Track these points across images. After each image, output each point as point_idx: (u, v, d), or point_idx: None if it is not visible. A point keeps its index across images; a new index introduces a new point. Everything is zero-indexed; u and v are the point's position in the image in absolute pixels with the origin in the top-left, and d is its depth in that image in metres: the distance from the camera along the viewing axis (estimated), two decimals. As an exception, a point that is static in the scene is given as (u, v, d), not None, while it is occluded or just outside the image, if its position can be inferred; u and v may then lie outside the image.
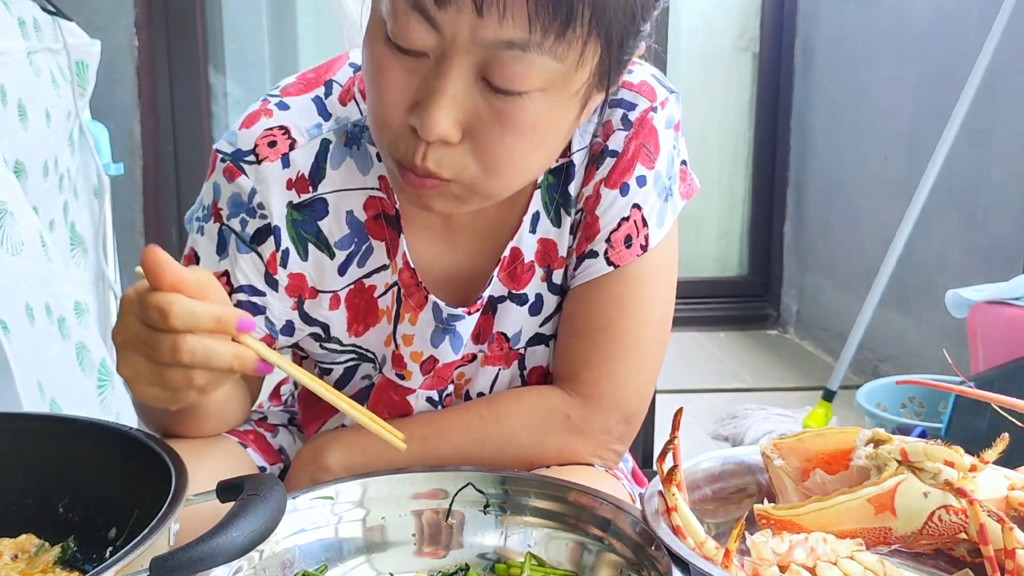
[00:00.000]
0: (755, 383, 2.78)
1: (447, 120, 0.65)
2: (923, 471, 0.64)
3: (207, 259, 0.81)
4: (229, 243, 0.80)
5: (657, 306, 0.83)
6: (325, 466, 0.80)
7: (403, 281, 0.82)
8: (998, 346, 1.46)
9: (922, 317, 2.52)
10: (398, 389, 0.85)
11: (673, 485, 0.66)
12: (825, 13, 3.08)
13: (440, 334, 0.83)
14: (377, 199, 0.81)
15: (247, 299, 0.81)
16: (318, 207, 0.80)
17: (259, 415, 0.96)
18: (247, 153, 0.79)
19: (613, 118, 0.81)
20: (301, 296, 0.82)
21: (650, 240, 0.82)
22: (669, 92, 0.84)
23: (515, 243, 0.83)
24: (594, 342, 0.82)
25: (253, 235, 0.80)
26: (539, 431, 0.82)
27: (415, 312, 0.83)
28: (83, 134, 1.61)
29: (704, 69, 3.36)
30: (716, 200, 3.39)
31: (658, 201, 0.83)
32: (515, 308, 0.84)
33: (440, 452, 0.81)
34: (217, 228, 0.80)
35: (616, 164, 0.80)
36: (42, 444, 0.68)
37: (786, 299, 3.33)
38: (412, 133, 0.67)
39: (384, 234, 0.82)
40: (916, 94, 2.57)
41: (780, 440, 0.73)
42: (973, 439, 1.28)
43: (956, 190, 2.33)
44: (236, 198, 0.79)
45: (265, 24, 3.22)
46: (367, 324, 0.84)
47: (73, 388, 1.34)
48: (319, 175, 0.79)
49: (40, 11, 1.49)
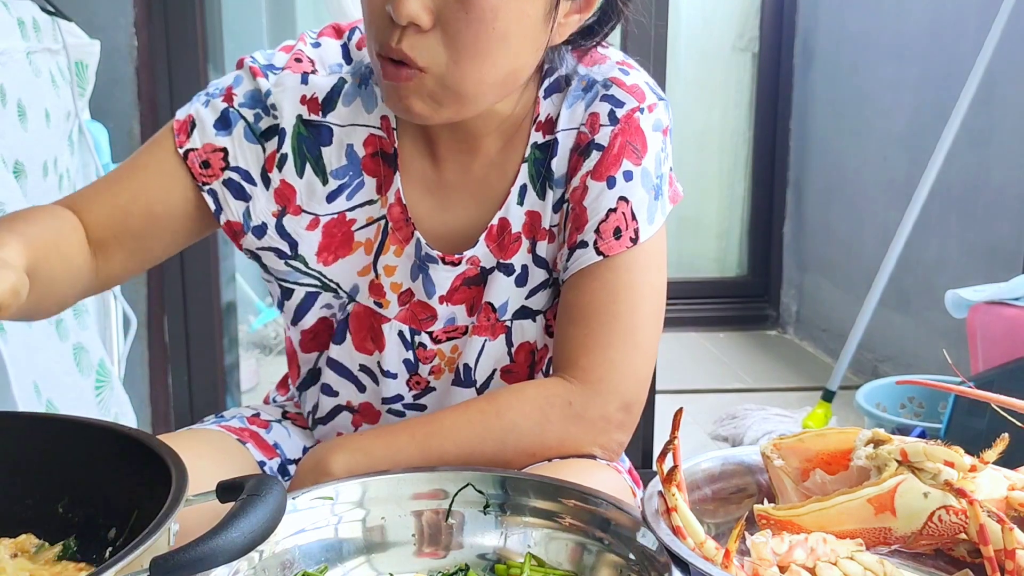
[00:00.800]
0: (755, 383, 2.79)
1: (415, 2, 0.72)
2: (923, 471, 0.64)
3: (203, 128, 0.86)
4: (235, 125, 0.86)
5: (649, 295, 0.85)
6: (329, 471, 0.80)
7: (392, 215, 0.87)
8: (998, 346, 1.46)
9: (922, 317, 2.52)
10: (375, 316, 0.90)
11: (673, 485, 0.66)
12: (824, 14, 3.08)
13: (417, 270, 0.88)
14: (377, 137, 0.87)
15: (238, 180, 0.86)
16: (323, 133, 0.86)
17: (252, 412, 0.97)
18: (275, 67, 0.87)
19: (601, 112, 0.85)
20: (285, 207, 0.87)
21: (640, 234, 0.84)
22: (659, 99, 0.87)
23: (503, 213, 0.87)
24: (590, 328, 0.84)
25: (263, 131, 0.86)
26: (540, 421, 0.82)
27: (400, 245, 0.88)
28: (82, 134, 1.61)
29: (704, 69, 3.36)
30: (716, 200, 3.39)
31: (647, 197, 0.85)
32: (502, 278, 0.88)
33: (443, 449, 0.81)
34: (224, 107, 0.86)
35: (602, 158, 0.84)
36: (42, 444, 0.68)
37: (786, 299, 3.33)
38: (390, 22, 0.74)
39: (378, 171, 0.87)
40: (915, 95, 2.58)
41: (780, 440, 0.73)
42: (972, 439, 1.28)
43: (955, 190, 2.33)
44: (254, 94, 0.86)
45: (264, 24, 3.23)
46: (337, 255, 0.88)
47: (70, 389, 1.34)
48: (330, 106, 0.86)
49: (39, 11, 1.49)
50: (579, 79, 0.86)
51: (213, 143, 0.85)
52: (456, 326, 0.90)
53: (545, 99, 0.87)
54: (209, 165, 0.85)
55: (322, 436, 0.97)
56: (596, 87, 0.85)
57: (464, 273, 0.88)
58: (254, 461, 0.89)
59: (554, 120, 0.86)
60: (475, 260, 0.88)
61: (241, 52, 0.91)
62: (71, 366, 1.36)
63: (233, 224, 0.87)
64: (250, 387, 2.61)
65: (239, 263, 2.33)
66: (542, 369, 0.93)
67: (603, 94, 0.85)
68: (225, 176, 0.85)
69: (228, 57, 2.15)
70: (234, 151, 0.85)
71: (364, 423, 0.94)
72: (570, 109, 0.86)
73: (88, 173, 1.64)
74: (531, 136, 0.87)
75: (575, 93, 0.86)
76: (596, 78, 0.86)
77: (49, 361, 1.28)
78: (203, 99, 0.87)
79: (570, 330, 0.85)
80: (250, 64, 0.87)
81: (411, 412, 0.93)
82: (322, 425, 0.96)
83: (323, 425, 0.96)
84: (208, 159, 0.85)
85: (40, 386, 1.22)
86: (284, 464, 0.92)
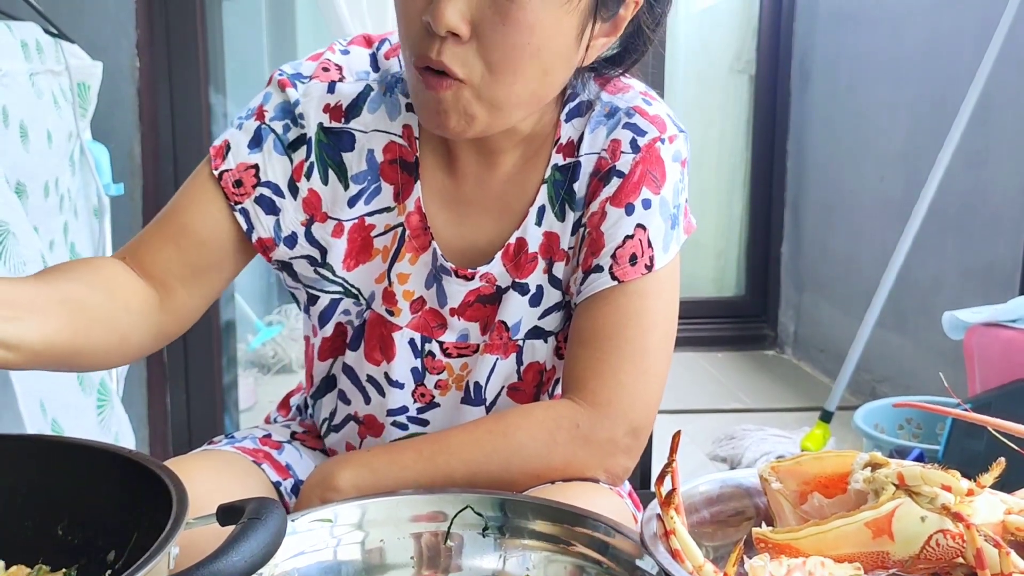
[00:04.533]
0: (753, 403, 2.79)
1: (453, 12, 0.73)
2: (920, 495, 0.64)
3: (237, 149, 0.87)
4: (265, 140, 0.87)
5: (660, 322, 0.86)
6: (335, 486, 0.81)
7: (410, 223, 0.88)
8: (995, 368, 1.46)
9: (919, 338, 2.52)
10: (387, 325, 0.90)
11: (671, 508, 0.66)
12: (820, 36, 3.11)
13: (432, 279, 0.89)
14: (398, 145, 0.88)
15: (269, 195, 0.87)
16: (345, 139, 0.87)
17: (263, 432, 0.97)
18: (303, 76, 0.88)
19: (623, 139, 0.86)
20: (313, 216, 0.88)
21: (655, 262, 0.85)
22: (679, 131, 0.89)
23: (521, 232, 0.88)
24: (601, 351, 0.84)
25: (291, 142, 0.87)
26: (547, 442, 0.83)
27: (416, 254, 0.89)
28: (84, 155, 1.62)
29: (701, 91, 3.39)
30: (714, 221, 3.40)
31: (663, 226, 0.86)
32: (517, 297, 0.88)
33: (449, 467, 0.82)
34: (256, 125, 0.88)
35: (622, 185, 0.85)
36: (41, 466, 0.68)
37: (783, 319, 3.34)
38: (428, 33, 0.75)
39: (396, 178, 0.88)
40: (911, 115, 2.59)
41: (778, 463, 0.73)
42: (970, 461, 1.28)
43: (952, 211, 2.34)
44: (284, 105, 0.88)
45: (265, 45, 3.25)
46: (359, 260, 0.89)
47: (73, 407, 1.34)
48: (354, 112, 0.87)
49: (43, 33, 1.50)
50: (602, 105, 0.88)
51: (246, 161, 0.87)
52: (468, 343, 0.90)
53: (567, 122, 0.88)
54: (241, 184, 0.86)
55: (333, 445, 0.97)
56: (619, 114, 0.87)
57: (478, 290, 0.89)
58: (269, 482, 0.90)
59: (576, 143, 0.87)
60: (490, 277, 0.89)
61: (242, 73, 0.93)
62: (74, 385, 1.36)
63: (264, 240, 0.88)
64: (248, 406, 2.61)
65: (239, 282, 2.34)
66: (548, 391, 0.93)
67: (625, 122, 0.86)
68: (256, 193, 0.87)
69: (229, 78, 2.16)
70: (264, 165, 0.87)
71: (368, 435, 0.94)
72: (592, 134, 0.87)
73: (89, 193, 1.65)
74: (552, 158, 0.88)
75: (597, 118, 0.87)
76: (619, 105, 0.87)
77: (54, 379, 1.28)
78: (237, 123, 0.89)
79: (581, 352, 0.85)
80: (279, 77, 0.88)
81: (414, 426, 0.93)
82: (334, 433, 0.97)
83: (335, 433, 0.96)
84: (241, 178, 0.86)
85: (46, 404, 1.22)
86: (297, 484, 0.92)
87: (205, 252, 0.86)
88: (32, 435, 0.93)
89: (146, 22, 1.87)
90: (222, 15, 2.13)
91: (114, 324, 0.80)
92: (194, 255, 0.86)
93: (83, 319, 0.76)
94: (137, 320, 0.83)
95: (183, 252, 0.86)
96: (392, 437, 0.93)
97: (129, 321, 0.82)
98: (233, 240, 0.88)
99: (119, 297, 0.82)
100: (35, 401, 1.19)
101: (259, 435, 0.97)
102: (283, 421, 1.05)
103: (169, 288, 0.86)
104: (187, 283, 0.86)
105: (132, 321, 0.82)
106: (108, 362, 0.82)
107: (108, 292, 0.81)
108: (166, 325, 0.86)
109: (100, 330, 0.78)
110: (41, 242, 1.36)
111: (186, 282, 0.86)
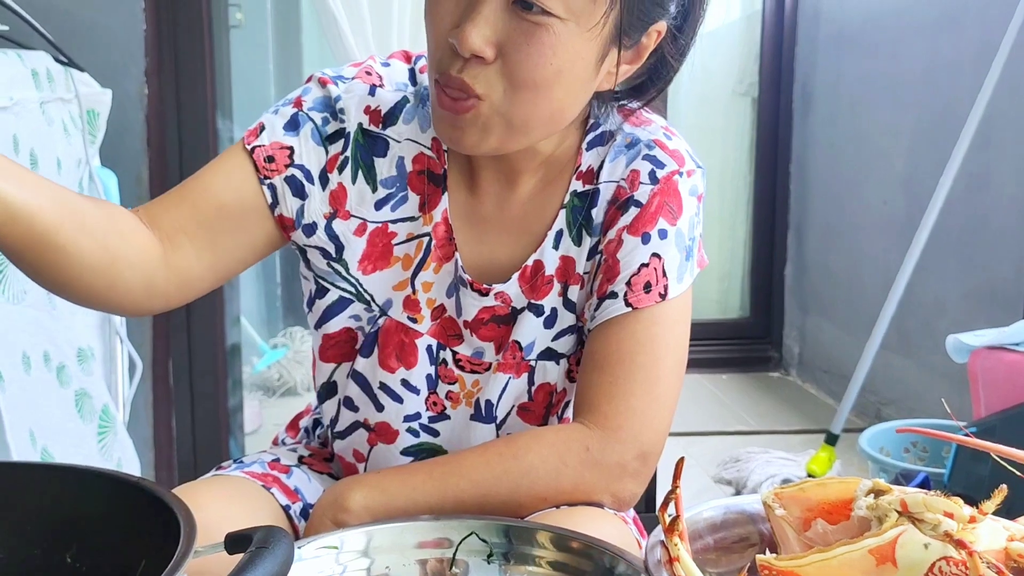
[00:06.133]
0: (757, 426, 2.78)
1: (478, 36, 0.75)
2: (923, 522, 0.64)
3: (272, 130, 0.88)
4: (302, 126, 0.88)
5: (672, 349, 0.87)
6: (346, 508, 0.81)
7: (437, 233, 0.90)
8: (999, 392, 1.46)
9: (924, 360, 2.52)
10: (408, 332, 0.91)
11: (675, 535, 0.66)
12: (822, 60, 3.13)
13: (453, 289, 0.91)
14: (426, 157, 0.90)
15: (300, 179, 0.88)
16: (379, 145, 0.89)
17: (271, 457, 0.98)
18: (345, 77, 0.90)
19: (642, 170, 0.87)
20: (337, 210, 0.89)
21: (669, 291, 0.87)
22: (697, 167, 0.91)
23: (538, 255, 0.89)
24: (614, 376, 0.85)
25: (329, 135, 0.88)
26: (557, 465, 0.83)
27: (440, 263, 0.90)
28: (93, 181, 1.63)
29: (704, 114, 3.41)
30: (717, 243, 3.41)
31: (679, 256, 0.87)
32: (532, 318, 0.90)
33: (459, 488, 0.82)
34: (294, 112, 0.89)
35: (640, 214, 0.86)
36: (50, 494, 0.69)
37: (787, 341, 3.34)
38: (453, 52, 0.77)
39: (423, 189, 0.90)
40: (913, 138, 2.61)
41: (781, 489, 0.74)
42: (976, 485, 1.28)
43: (955, 234, 2.35)
44: (324, 100, 0.89)
45: (272, 73, 3.28)
46: (376, 265, 0.90)
47: (69, 435, 1.34)
48: (391, 120, 0.89)
49: (53, 62, 1.52)
50: (623, 136, 0.89)
51: (280, 142, 0.87)
52: (482, 361, 0.91)
53: (588, 151, 0.90)
54: (273, 160, 0.87)
55: (340, 451, 0.97)
56: (639, 145, 0.88)
57: (493, 309, 0.90)
58: (279, 507, 0.90)
59: (596, 171, 0.89)
60: (505, 297, 0.90)
61: (249, 101, 0.94)
62: (72, 412, 1.37)
63: (285, 219, 0.88)
64: (253, 429, 2.61)
65: (244, 306, 2.35)
66: (557, 412, 0.94)
67: (646, 153, 0.88)
68: (288, 173, 0.87)
69: (236, 105, 2.19)
70: (300, 149, 0.88)
71: (379, 442, 0.94)
72: (612, 163, 0.88)
73: (97, 219, 1.67)
74: (571, 184, 0.89)
75: (618, 148, 0.89)
76: (640, 137, 0.89)
77: (48, 408, 1.28)
78: (272, 110, 0.90)
79: (593, 377, 0.86)
80: (319, 76, 0.90)
81: (425, 435, 0.93)
82: (340, 440, 0.97)
83: (341, 440, 0.97)
84: (273, 155, 0.87)
85: (36, 433, 1.22)
86: (306, 508, 0.93)
87: (223, 215, 0.85)
88: (41, 463, 0.94)
89: (155, 50, 1.89)
90: (229, 44, 2.16)
91: (106, 242, 0.76)
92: (211, 215, 0.84)
93: (75, 219, 0.73)
94: (132, 255, 0.79)
95: (199, 210, 0.84)
96: (404, 444, 0.93)
97: (124, 250, 0.78)
98: (255, 209, 0.86)
99: (119, 223, 0.78)
100: (24, 430, 1.19)
101: (268, 459, 0.97)
102: (291, 444, 1.06)
103: (176, 243, 0.83)
104: (196, 242, 0.83)
105: (127, 252, 0.78)
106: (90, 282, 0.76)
107: (108, 215, 0.78)
108: (161, 281, 0.82)
109: (88, 241, 0.74)
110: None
111: (195, 240, 0.83)
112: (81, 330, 1.51)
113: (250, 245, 0.88)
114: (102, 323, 1.67)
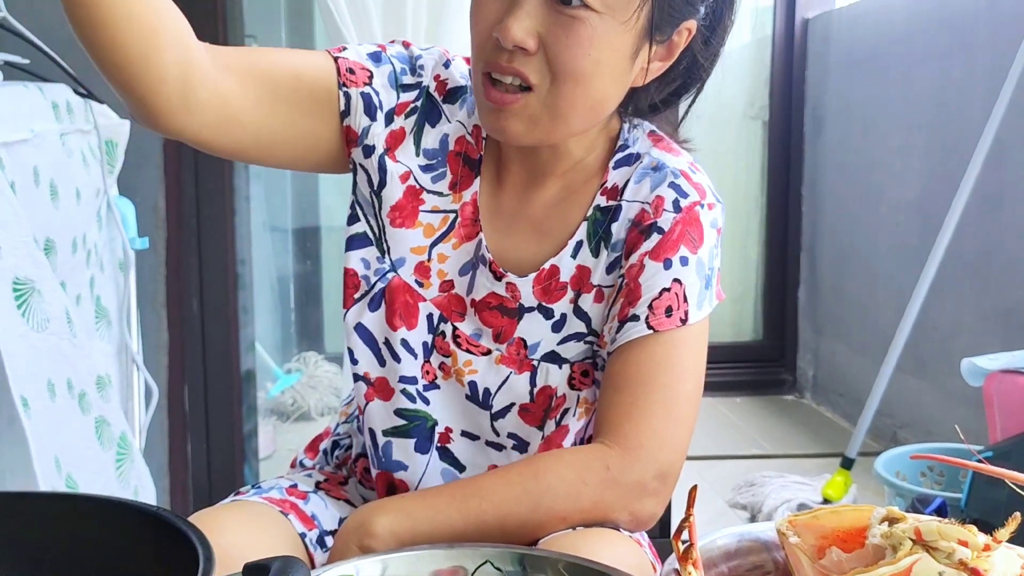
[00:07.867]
0: (772, 449, 2.77)
1: (520, 27, 0.80)
2: (937, 550, 0.64)
3: (354, 52, 0.92)
4: (383, 63, 0.92)
5: (691, 372, 0.89)
6: (372, 532, 0.82)
7: (464, 213, 0.93)
8: (1015, 415, 1.45)
9: (939, 383, 2.51)
10: (413, 294, 0.93)
11: (689, 563, 0.66)
12: (833, 83, 3.14)
13: (468, 267, 0.93)
14: (466, 140, 0.94)
15: (374, 100, 0.91)
16: (435, 114, 0.94)
17: (289, 483, 0.99)
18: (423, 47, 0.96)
19: (667, 197, 0.89)
20: (389, 148, 0.92)
21: (689, 317, 0.88)
22: (718, 202, 0.93)
23: (556, 261, 0.92)
24: (635, 396, 0.86)
25: (405, 84, 0.93)
26: (576, 484, 0.84)
27: (461, 241, 0.93)
28: (111, 210, 1.65)
29: (715, 137, 3.42)
30: (730, 266, 3.41)
31: (699, 284, 0.89)
32: (540, 319, 0.92)
33: (481, 510, 0.83)
34: (377, 50, 0.93)
35: (662, 240, 0.88)
36: (69, 523, 0.70)
37: (802, 364, 3.33)
38: (498, 46, 0.82)
39: (457, 169, 0.94)
40: (925, 160, 2.61)
41: (795, 517, 0.74)
42: (992, 510, 1.27)
43: (968, 256, 2.35)
44: (405, 55, 0.94)
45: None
46: (403, 219, 0.93)
47: (90, 462, 1.35)
48: (452, 98, 0.94)
49: (73, 94, 1.55)
50: (650, 159, 0.92)
51: (362, 63, 0.91)
52: (479, 344, 0.93)
53: (615, 170, 0.92)
54: (354, 73, 0.91)
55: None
56: (665, 171, 0.90)
57: (501, 299, 0.92)
58: (295, 533, 0.91)
59: (620, 189, 0.92)
60: (515, 291, 0.92)
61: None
62: (93, 439, 1.38)
63: (351, 131, 0.91)
64: (267, 454, 2.62)
65: (259, 331, 2.36)
66: (555, 417, 0.94)
67: (671, 181, 0.90)
68: (364, 89, 0.91)
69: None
70: (378, 76, 0.92)
71: (377, 397, 0.94)
72: (637, 184, 0.91)
73: (115, 247, 1.69)
74: (596, 199, 0.92)
75: (643, 170, 0.91)
76: (667, 163, 0.91)
77: (72, 435, 1.29)
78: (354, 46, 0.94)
79: (614, 397, 0.87)
80: (401, 40, 0.96)
81: (420, 403, 0.94)
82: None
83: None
84: (354, 67, 0.91)
85: (61, 460, 1.23)
86: (322, 535, 0.93)
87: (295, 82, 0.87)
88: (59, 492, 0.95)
89: (172, 80, 1.92)
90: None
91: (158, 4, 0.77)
92: (281, 75, 0.87)
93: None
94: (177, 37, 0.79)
95: (274, 66, 0.86)
96: (400, 405, 0.94)
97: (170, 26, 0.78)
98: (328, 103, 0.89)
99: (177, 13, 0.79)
100: (50, 457, 1.20)
101: (285, 485, 0.98)
102: (308, 467, 1.06)
103: (233, 73, 0.83)
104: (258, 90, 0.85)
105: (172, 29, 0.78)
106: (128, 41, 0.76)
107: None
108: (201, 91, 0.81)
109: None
110: (67, 297, 1.39)
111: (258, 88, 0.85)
112: (100, 358, 1.52)
113: (311, 132, 0.89)
114: (119, 350, 1.68)
